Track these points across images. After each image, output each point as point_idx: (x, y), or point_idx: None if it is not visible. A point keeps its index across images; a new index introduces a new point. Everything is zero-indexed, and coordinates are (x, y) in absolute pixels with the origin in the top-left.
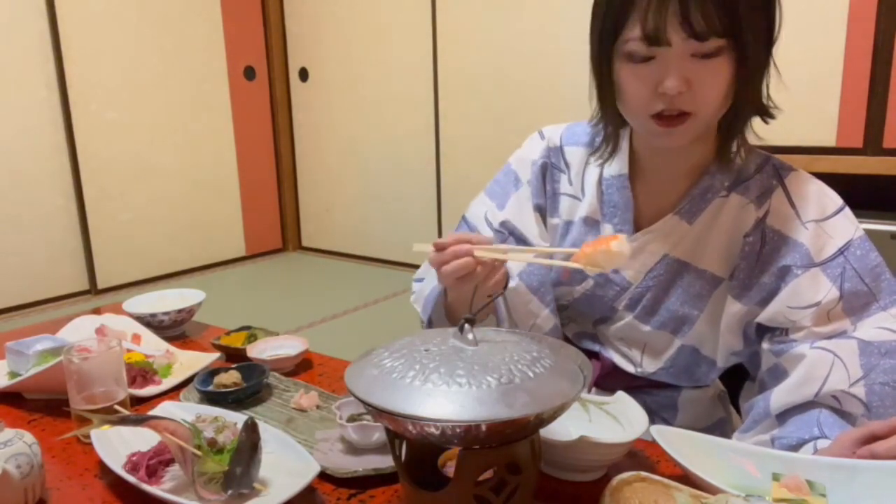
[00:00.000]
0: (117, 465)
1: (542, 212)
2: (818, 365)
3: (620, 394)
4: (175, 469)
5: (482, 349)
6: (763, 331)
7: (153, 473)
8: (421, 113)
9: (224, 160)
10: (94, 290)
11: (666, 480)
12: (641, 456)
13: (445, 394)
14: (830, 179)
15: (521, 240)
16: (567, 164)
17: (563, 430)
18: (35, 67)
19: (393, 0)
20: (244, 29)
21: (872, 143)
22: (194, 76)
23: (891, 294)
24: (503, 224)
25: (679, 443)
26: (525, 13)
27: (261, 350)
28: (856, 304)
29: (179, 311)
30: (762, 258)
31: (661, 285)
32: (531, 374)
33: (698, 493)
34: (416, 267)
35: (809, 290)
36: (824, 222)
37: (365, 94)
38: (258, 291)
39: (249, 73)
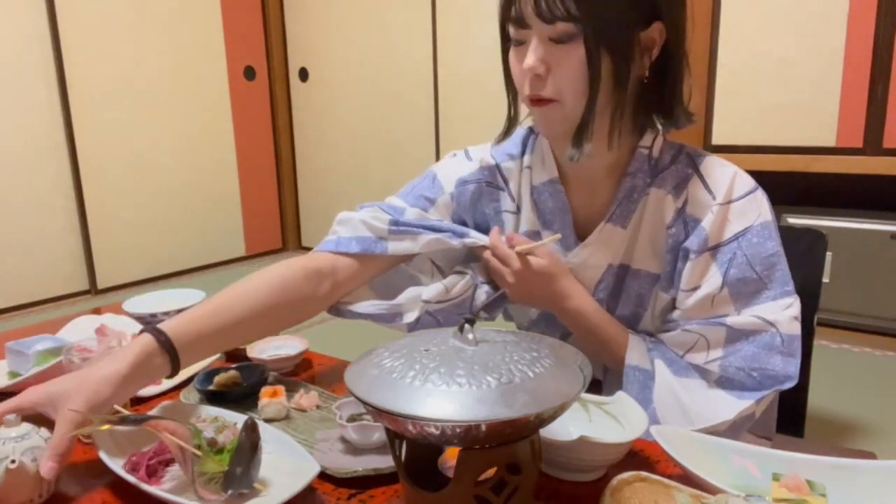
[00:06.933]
0: (117, 465)
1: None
2: (685, 340)
3: (620, 394)
4: (175, 469)
5: (482, 349)
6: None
7: (153, 473)
8: (421, 113)
9: (224, 160)
10: (94, 290)
11: (666, 480)
12: (641, 456)
13: (445, 394)
14: (830, 179)
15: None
16: (506, 181)
17: (563, 430)
18: (35, 67)
19: (393, 0)
20: (244, 29)
21: (872, 143)
22: (194, 76)
23: (783, 285)
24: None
25: (679, 443)
26: None
27: (261, 350)
28: (744, 290)
29: (179, 310)
30: (684, 248)
31: (610, 295)
32: (531, 374)
33: (698, 493)
34: None
35: (696, 273)
36: (729, 205)
37: (365, 94)
38: None
39: (249, 73)
